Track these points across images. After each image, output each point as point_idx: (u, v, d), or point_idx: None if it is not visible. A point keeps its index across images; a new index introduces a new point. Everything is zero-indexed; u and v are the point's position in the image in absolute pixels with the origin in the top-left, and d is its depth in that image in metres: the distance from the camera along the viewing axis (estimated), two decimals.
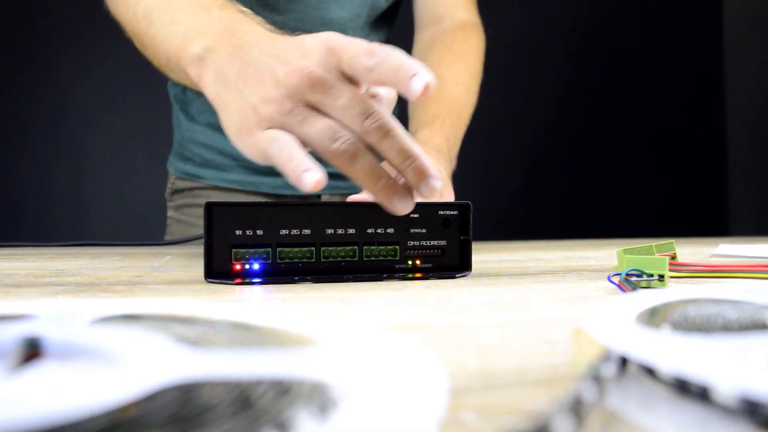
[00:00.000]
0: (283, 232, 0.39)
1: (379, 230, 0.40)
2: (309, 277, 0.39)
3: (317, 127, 0.35)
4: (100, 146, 1.75)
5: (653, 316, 0.20)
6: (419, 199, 0.37)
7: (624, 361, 0.16)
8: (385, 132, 0.34)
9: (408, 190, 0.36)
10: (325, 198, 0.74)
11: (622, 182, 2.04)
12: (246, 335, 0.17)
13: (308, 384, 0.13)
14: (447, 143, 0.63)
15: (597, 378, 0.14)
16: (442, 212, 0.42)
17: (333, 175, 0.74)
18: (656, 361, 0.15)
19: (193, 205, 0.76)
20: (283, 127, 0.35)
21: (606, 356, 0.16)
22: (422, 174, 0.35)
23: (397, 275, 0.41)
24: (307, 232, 0.39)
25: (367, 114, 0.34)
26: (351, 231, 0.40)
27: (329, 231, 0.39)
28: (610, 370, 0.15)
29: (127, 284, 0.37)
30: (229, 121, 0.37)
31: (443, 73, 0.70)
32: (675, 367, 0.14)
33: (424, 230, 0.42)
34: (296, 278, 0.39)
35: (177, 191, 0.79)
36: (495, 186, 1.92)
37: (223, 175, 0.73)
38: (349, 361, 0.15)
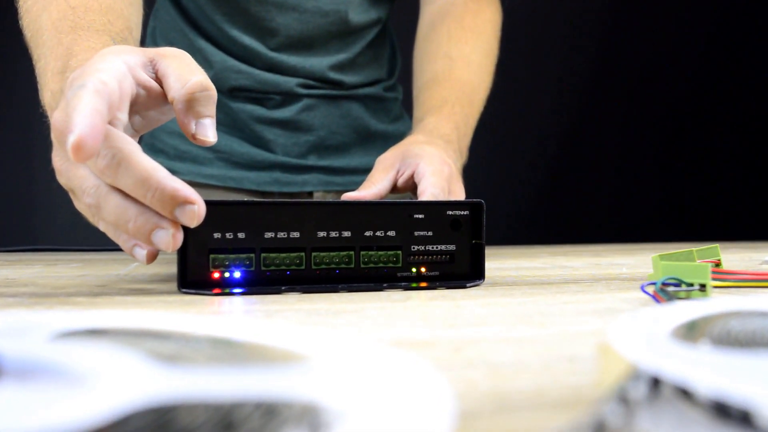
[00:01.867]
0: (269, 235, 0.39)
1: (378, 233, 0.41)
2: (298, 287, 0.39)
3: (75, 193, 0.37)
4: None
5: (691, 331, 0.21)
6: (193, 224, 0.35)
7: (656, 382, 0.17)
8: (116, 165, 0.33)
9: (172, 222, 0.35)
10: (317, 196, 0.75)
11: (659, 179, 2.04)
12: (227, 351, 0.18)
13: (298, 406, 0.13)
14: (457, 132, 0.63)
15: (624, 400, 0.15)
16: (450, 212, 0.42)
17: (327, 170, 0.75)
18: (693, 381, 0.15)
19: None
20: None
21: (635, 375, 0.16)
22: (170, 202, 0.34)
23: (399, 285, 0.41)
24: (295, 235, 0.39)
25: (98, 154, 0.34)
26: (346, 234, 0.40)
27: (321, 234, 0.40)
28: (639, 391, 0.15)
29: (89, 295, 0.38)
30: None
31: (452, 52, 0.71)
32: (714, 388, 0.14)
33: (430, 233, 0.42)
34: (283, 288, 0.39)
35: None
36: (512, 182, 1.92)
37: (200, 170, 0.74)
38: (344, 381, 0.15)
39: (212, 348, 0.18)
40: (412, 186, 0.56)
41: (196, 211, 0.34)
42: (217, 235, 0.38)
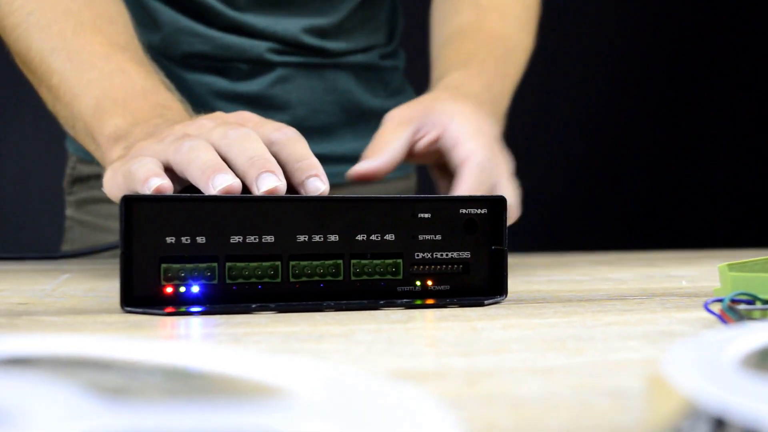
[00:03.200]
0: (236, 239, 0.39)
1: (373, 237, 0.41)
2: (272, 305, 0.39)
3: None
4: None
5: (766, 360, 0.21)
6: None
7: (720, 423, 0.16)
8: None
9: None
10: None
11: (725, 175, 2.04)
12: (184, 384, 0.18)
13: None
14: (489, 93, 0.63)
15: None
16: (464, 210, 0.42)
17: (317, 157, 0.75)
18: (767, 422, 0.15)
19: (102, 200, 0.76)
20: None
21: (695, 415, 0.16)
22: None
23: (399, 302, 0.41)
24: (269, 239, 0.40)
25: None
26: (333, 237, 0.40)
27: (302, 237, 0.40)
28: None
29: (8, 315, 0.38)
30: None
31: (482, 1, 0.70)
32: None
33: (438, 237, 0.42)
34: (254, 306, 0.39)
35: (79, 179, 0.79)
36: (542, 173, 1.91)
37: None
38: (329, 421, 0.15)
39: (165, 380, 0.18)
40: (435, 155, 0.55)
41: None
42: (170, 239, 0.38)
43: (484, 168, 0.51)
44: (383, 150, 0.53)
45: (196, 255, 0.39)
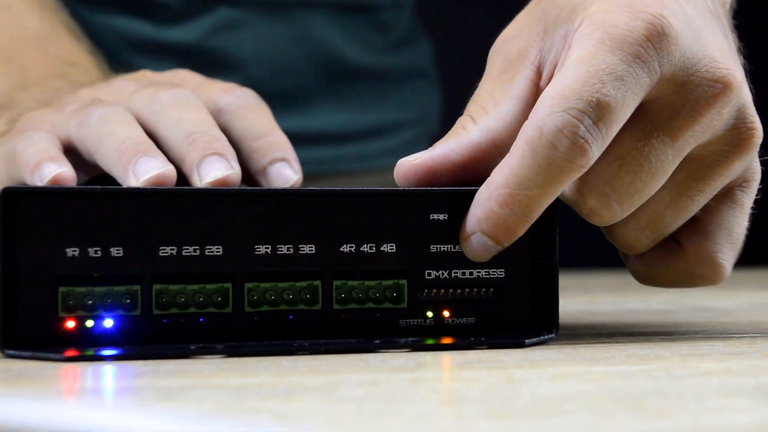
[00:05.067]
0: (168, 251, 0.39)
1: (366, 248, 0.41)
2: (220, 346, 0.39)
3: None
4: None
5: None
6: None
7: None
8: None
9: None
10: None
11: None
12: None
13: None
14: None
15: None
16: None
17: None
18: None
19: None
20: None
21: None
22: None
23: (402, 341, 0.41)
24: (216, 251, 0.40)
25: None
26: (308, 249, 0.40)
27: (263, 249, 0.40)
28: None
29: None
30: None
31: None
32: None
33: (459, 247, 0.42)
34: (194, 348, 0.39)
35: None
36: None
37: None
38: None
39: None
40: None
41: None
42: (71, 251, 0.38)
43: (624, 36, 0.40)
44: (480, 119, 0.43)
45: (109, 274, 0.38)
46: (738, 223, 0.45)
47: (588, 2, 0.43)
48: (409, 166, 0.42)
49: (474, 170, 0.42)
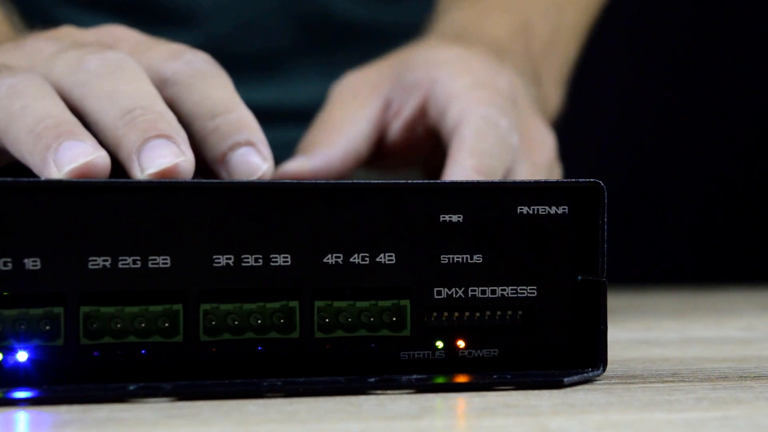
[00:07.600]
0: (98, 261, 0.36)
1: (357, 258, 0.38)
2: (168, 386, 0.36)
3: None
4: None
5: None
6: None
7: None
8: None
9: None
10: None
11: None
12: None
13: None
14: (523, 37, 0.62)
15: None
16: (526, 209, 0.39)
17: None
18: None
19: None
20: None
21: None
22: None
23: (404, 380, 0.38)
24: (161, 261, 0.37)
25: None
26: (282, 260, 0.37)
27: (222, 259, 0.37)
28: None
29: None
30: None
31: None
32: None
33: (478, 257, 0.39)
34: (133, 388, 0.36)
35: None
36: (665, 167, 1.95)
37: None
38: None
39: None
40: (424, 140, 0.53)
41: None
42: None
43: (490, 133, 0.48)
44: (331, 140, 0.52)
45: (23, 292, 0.36)
46: None
47: (437, 60, 0.53)
48: (283, 168, 0.50)
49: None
